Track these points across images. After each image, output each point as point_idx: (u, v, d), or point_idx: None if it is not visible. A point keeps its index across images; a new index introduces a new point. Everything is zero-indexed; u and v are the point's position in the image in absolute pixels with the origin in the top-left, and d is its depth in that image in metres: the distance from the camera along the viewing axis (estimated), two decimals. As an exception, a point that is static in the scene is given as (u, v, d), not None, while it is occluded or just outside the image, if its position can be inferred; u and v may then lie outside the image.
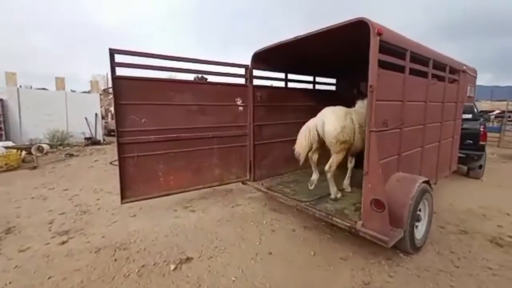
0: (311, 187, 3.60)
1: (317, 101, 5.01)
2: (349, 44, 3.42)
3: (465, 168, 5.84)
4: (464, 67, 4.40)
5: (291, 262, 2.70)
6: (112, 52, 3.03)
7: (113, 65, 3.04)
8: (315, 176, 3.66)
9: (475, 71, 4.97)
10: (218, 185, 3.90)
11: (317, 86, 5.10)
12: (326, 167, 3.40)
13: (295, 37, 3.23)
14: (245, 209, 4.09)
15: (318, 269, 2.59)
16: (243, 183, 4.19)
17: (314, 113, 4.96)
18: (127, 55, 3.10)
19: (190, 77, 3.50)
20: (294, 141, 4.74)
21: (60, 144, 10.37)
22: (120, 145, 3.10)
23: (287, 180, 4.32)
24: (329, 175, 3.44)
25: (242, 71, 3.84)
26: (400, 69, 2.79)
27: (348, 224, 2.70)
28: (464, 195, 4.75)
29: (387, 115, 2.61)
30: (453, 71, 3.99)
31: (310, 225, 3.56)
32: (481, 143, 5.48)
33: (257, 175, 4.22)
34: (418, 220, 2.93)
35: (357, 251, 2.91)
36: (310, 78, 4.95)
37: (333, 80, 5.40)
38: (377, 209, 2.47)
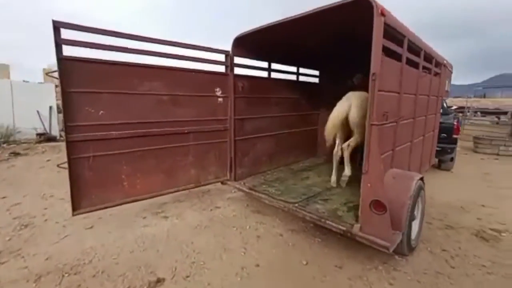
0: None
1: (301, 94, 4.73)
2: (340, 30, 3.13)
3: (436, 160, 6.01)
4: (445, 61, 4.40)
5: (283, 275, 2.36)
6: (57, 26, 2.38)
7: (59, 42, 2.39)
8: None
9: (451, 66, 5.04)
10: (194, 187, 3.43)
11: (301, 78, 4.80)
12: (344, 145, 3.44)
13: (282, 20, 2.85)
14: (225, 212, 3.68)
15: (313, 281, 2.29)
16: (222, 183, 3.76)
17: (297, 107, 4.70)
18: (77, 30, 2.48)
19: (161, 62, 2.93)
20: (277, 136, 4.45)
21: (4, 141, 8.93)
22: (70, 144, 2.48)
23: (270, 178, 3.99)
24: (345, 154, 3.46)
25: (221, 57, 3.37)
26: (396, 57, 2.56)
27: (344, 228, 2.44)
28: (439, 188, 4.83)
29: (387, 107, 2.37)
30: (437, 64, 3.93)
31: (298, 227, 3.27)
32: (454, 136, 5.65)
33: (238, 174, 3.82)
34: (413, 219, 2.77)
35: (351, 256, 2.68)
36: (294, 69, 4.63)
37: (317, 72, 5.14)
38: (377, 212, 2.23)
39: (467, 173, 5.98)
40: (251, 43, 3.50)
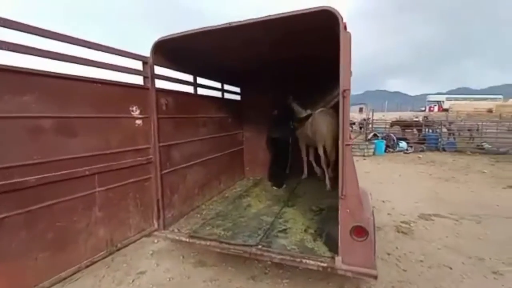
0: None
1: (227, 112, 4.29)
2: (276, 44, 2.94)
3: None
4: None
5: None
6: None
7: None
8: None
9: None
10: (107, 255, 2.23)
11: (225, 95, 4.38)
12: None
13: (210, 27, 2.33)
14: (157, 277, 2.65)
15: None
16: (148, 235, 2.71)
17: (225, 126, 4.22)
18: None
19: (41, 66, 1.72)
20: (207, 162, 3.75)
21: None
22: None
23: (209, 215, 3.25)
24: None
25: (138, 65, 2.44)
26: None
27: (324, 265, 2.13)
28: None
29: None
30: None
31: (257, 271, 2.73)
32: (349, 145, 6.76)
33: (168, 218, 2.88)
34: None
35: (326, 289, 2.41)
36: (218, 85, 4.15)
37: (238, 89, 4.85)
38: (359, 238, 2.06)
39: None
40: (174, 51, 2.78)
